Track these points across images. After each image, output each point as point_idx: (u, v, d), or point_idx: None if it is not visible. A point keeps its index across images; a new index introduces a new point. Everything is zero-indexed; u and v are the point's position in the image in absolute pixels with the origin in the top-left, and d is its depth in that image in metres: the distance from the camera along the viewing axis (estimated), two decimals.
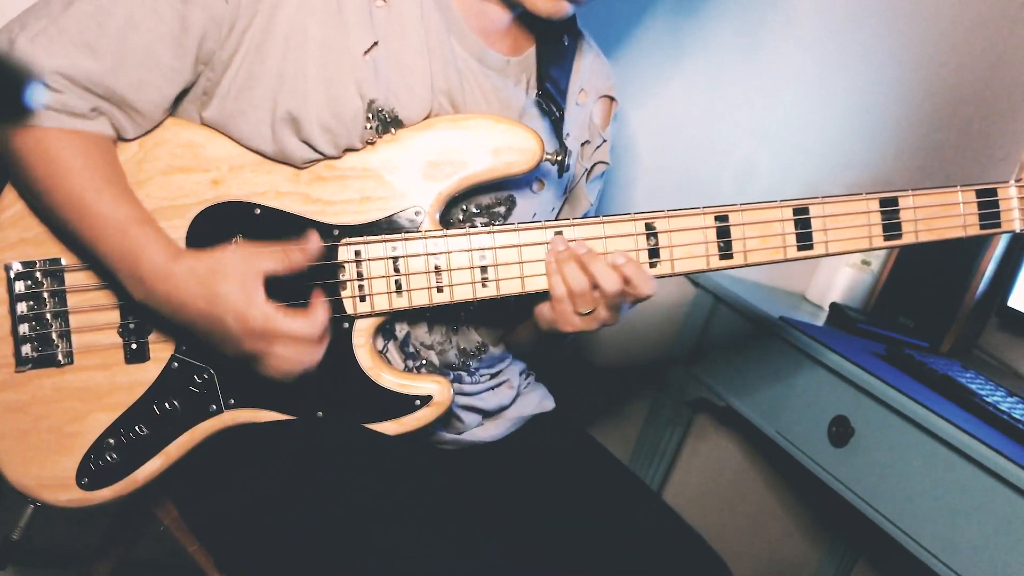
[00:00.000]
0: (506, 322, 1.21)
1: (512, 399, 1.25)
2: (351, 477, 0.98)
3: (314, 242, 0.97)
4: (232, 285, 0.92)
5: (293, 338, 0.93)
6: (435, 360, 1.13)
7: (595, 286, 1.01)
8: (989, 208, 1.13)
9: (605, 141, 1.26)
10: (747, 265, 1.08)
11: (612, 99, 1.26)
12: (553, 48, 1.16)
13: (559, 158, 1.09)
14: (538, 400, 1.29)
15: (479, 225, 1.08)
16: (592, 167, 1.26)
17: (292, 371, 0.95)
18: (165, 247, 0.95)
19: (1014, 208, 1.13)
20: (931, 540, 1.31)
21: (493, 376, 1.22)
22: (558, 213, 1.25)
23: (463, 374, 1.17)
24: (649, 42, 1.73)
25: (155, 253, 0.94)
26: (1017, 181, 1.14)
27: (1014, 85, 2.00)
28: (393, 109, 1.02)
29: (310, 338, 0.94)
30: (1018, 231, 1.14)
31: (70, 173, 0.95)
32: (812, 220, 1.08)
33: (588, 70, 1.22)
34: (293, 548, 0.95)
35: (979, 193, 1.12)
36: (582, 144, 1.23)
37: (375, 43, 1.01)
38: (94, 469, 1.01)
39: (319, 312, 0.95)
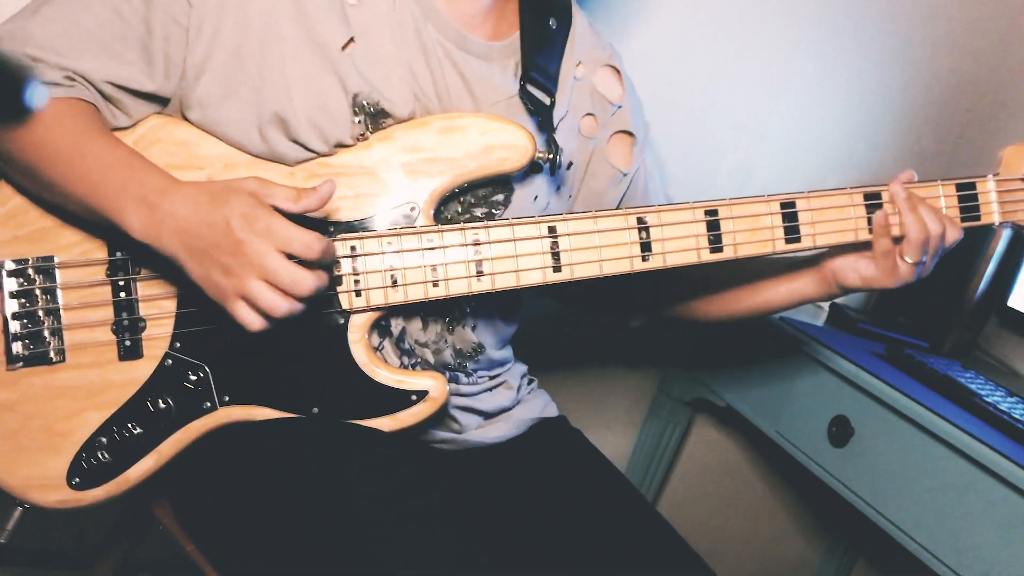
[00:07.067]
0: (507, 317, 1.25)
1: (512, 401, 1.28)
2: (347, 476, 1.00)
3: (326, 187, 0.98)
4: (244, 194, 0.95)
5: (294, 239, 0.93)
6: (430, 359, 1.15)
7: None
8: (969, 202, 1.19)
9: (620, 107, 1.27)
10: (737, 258, 1.13)
11: (616, 69, 1.27)
12: (539, 32, 1.18)
13: (550, 156, 1.12)
14: (541, 407, 1.32)
15: (479, 215, 1.13)
16: (610, 137, 1.27)
17: (278, 304, 0.93)
18: (166, 173, 0.99)
19: (992, 201, 1.19)
20: (931, 540, 1.35)
21: (492, 378, 1.25)
22: (573, 195, 1.26)
23: (460, 375, 1.20)
24: (648, 39, 1.76)
25: (159, 174, 0.98)
26: (995, 175, 1.20)
27: (1015, 85, 2.04)
28: (378, 103, 1.07)
29: (310, 247, 0.93)
30: (996, 224, 1.19)
31: (59, 126, 0.98)
32: (799, 214, 1.15)
33: (581, 43, 1.24)
34: (287, 548, 0.97)
35: (959, 187, 1.19)
36: (585, 115, 1.24)
37: (351, 39, 1.05)
38: (86, 468, 1.03)
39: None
